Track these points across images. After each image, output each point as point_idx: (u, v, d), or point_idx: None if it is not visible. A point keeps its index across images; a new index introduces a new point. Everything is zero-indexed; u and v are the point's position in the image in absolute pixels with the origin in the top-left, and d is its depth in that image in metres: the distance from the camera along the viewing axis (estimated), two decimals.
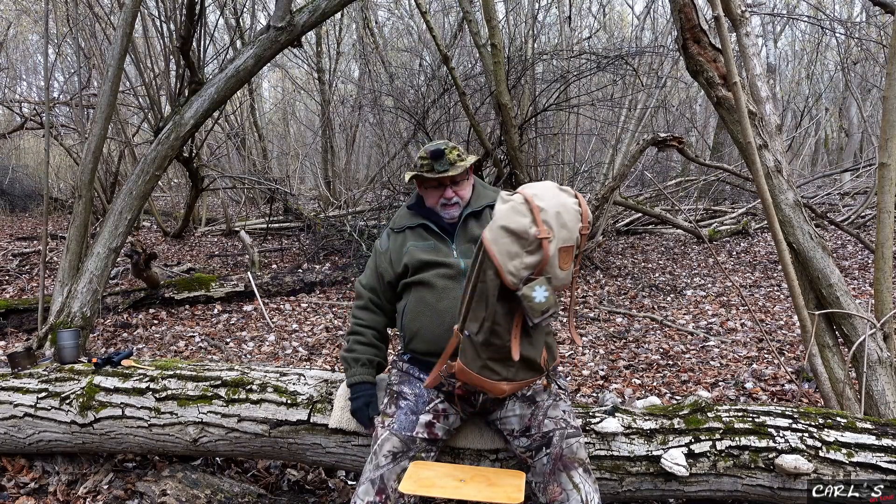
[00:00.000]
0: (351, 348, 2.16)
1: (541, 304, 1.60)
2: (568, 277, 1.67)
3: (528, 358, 1.76)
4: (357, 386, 2.11)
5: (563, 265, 1.63)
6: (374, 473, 1.84)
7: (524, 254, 1.60)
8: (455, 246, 2.07)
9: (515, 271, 1.60)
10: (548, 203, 1.61)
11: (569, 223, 1.61)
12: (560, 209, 1.61)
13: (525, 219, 1.60)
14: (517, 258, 1.60)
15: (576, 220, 1.62)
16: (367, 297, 2.18)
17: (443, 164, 2.05)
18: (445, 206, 2.10)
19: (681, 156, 7.62)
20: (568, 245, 1.61)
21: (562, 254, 1.61)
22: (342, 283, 6.67)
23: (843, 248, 7.75)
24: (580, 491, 1.77)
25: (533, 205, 1.60)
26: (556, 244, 1.60)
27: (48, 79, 4.97)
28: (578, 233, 1.63)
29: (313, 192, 13.78)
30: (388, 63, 10.15)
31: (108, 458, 2.71)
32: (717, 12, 2.27)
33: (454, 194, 2.09)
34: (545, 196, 1.62)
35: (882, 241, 2.52)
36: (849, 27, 10.48)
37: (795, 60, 16.48)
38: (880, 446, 1.94)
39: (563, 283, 1.67)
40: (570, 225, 1.61)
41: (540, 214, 1.59)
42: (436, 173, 2.05)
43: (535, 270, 1.61)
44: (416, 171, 2.09)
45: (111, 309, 5.50)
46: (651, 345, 4.52)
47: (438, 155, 2.05)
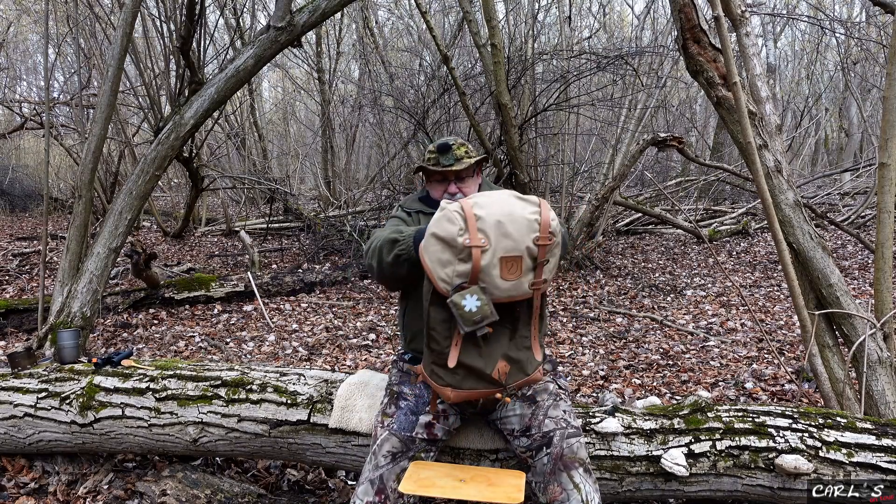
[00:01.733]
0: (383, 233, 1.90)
1: (471, 314, 1.59)
2: (518, 288, 1.63)
3: (475, 368, 1.71)
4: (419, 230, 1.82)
5: (507, 275, 1.60)
6: (373, 473, 1.84)
7: (456, 261, 1.60)
8: None
9: (448, 279, 1.61)
10: (489, 211, 1.60)
11: (513, 233, 1.59)
12: (503, 218, 1.59)
13: (454, 227, 1.60)
14: (449, 266, 1.61)
15: (526, 230, 1.60)
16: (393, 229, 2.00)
17: (448, 158, 2.06)
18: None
19: (681, 156, 7.62)
20: (512, 255, 1.59)
21: (504, 263, 1.59)
22: (342, 283, 6.67)
23: (843, 248, 7.75)
24: (581, 491, 1.77)
25: (468, 213, 1.60)
26: (495, 254, 1.58)
27: (48, 79, 4.97)
28: (533, 243, 1.60)
29: (313, 192, 13.78)
30: (388, 63, 10.15)
31: (108, 458, 2.71)
32: (717, 12, 2.27)
33: (458, 190, 2.09)
34: (489, 204, 1.62)
35: (882, 241, 2.52)
36: (849, 27, 10.49)
37: (795, 60, 16.48)
38: (880, 446, 1.94)
39: (512, 295, 1.64)
40: (515, 235, 1.59)
41: (476, 223, 1.58)
42: (441, 167, 2.06)
43: (468, 279, 1.60)
44: (423, 163, 2.11)
45: (111, 309, 5.50)
46: (651, 345, 4.52)
47: (445, 149, 2.06)
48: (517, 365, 1.75)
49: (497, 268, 1.59)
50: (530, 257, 1.61)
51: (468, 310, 1.60)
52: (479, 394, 1.75)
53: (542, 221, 1.61)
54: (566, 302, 5.92)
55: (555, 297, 6.08)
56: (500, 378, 1.72)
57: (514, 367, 1.74)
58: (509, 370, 1.73)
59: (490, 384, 1.73)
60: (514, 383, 1.76)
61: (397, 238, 1.85)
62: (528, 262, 1.61)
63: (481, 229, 1.59)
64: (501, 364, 1.72)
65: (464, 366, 1.70)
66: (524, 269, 1.61)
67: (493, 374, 1.71)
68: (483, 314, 1.60)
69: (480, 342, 1.70)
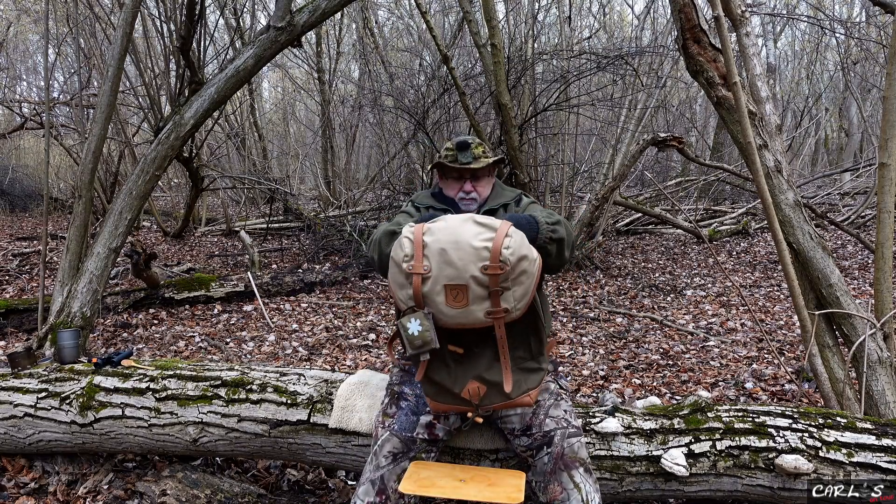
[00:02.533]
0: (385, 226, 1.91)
1: (413, 337, 1.60)
2: (468, 316, 1.60)
3: (443, 385, 1.74)
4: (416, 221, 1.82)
5: (452, 303, 1.58)
6: (374, 474, 1.84)
7: (407, 285, 1.62)
8: None
9: (404, 300, 1.64)
10: (436, 238, 1.60)
11: (457, 261, 1.56)
12: (448, 246, 1.57)
13: (401, 252, 1.63)
14: (403, 289, 1.64)
15: (472, 258, 1.56)
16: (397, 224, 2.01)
17: (466, 156, 2.06)
18: (463, 200, 2.11)
19: (681, 156, 7.62)
20: (456, 283, 1.57)
21: (449, 291, 1.57)
22: (342, 283, 6.67)
23: (843, 248, 7.75)
24: (581, 490, 1.77)
25: (417, 240, 1.61)
26: (437, 281, 1.58)
27: (48, 79, 4.97)
28: (481, 272, 1.55)
29: (313, 192, 13.78)
30: (388, 63, 10.15)
31: (108, 458, 2.71)
32: (717, 12, 2.27)
33: (472, 189, 2.09)
34: (439, 230, 1.61)
35: (882, 241, 2.52)
36: (849, 27, 10.48)
37: (795, 60, 16.48)
38: (880, 446, 1.94)
39: (461, 322, 1.61)
40: (459, 264, 1.56)
41: (423, 250, 1.59)
42: (459, 164, 2.06)
43: (416, 303, 1.61)
44: (440, 160, 2.10)
45: (111, 309, 5.50)
46: (651, 345, 4.52)
47: (464, 146, 2.07)
48: (496, 388, 1.73)
49: (441, 295, 1.58)
50: (479, 285, 1.57)
51: (411, 333, 1.61)
52: (453, 409, 1.78)
53: (492, 249, 1.55)
54: (566, 302, 5.92)
55: (555, 297, 6.08)
56: (471, 398, 1.73)
57: (491, 390, 1.73)
58: (485, 392, 1.73)
59: (460, 402, 1.74)
60: (492, 405, 1.75)
61: (395, 230, 1.86)
62: (476, 291, 1.57)
63: (426, 255, 1.59)
64: (473, 385, 1.72)
65: (431, 381, 1.74)
66: (472, 298, 1.58)
67: (463, 394, 1.72)
68: (423, 339, 1.60)
69: (450, 361, 1.73)
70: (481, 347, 1.73)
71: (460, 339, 1.73)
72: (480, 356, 1.74)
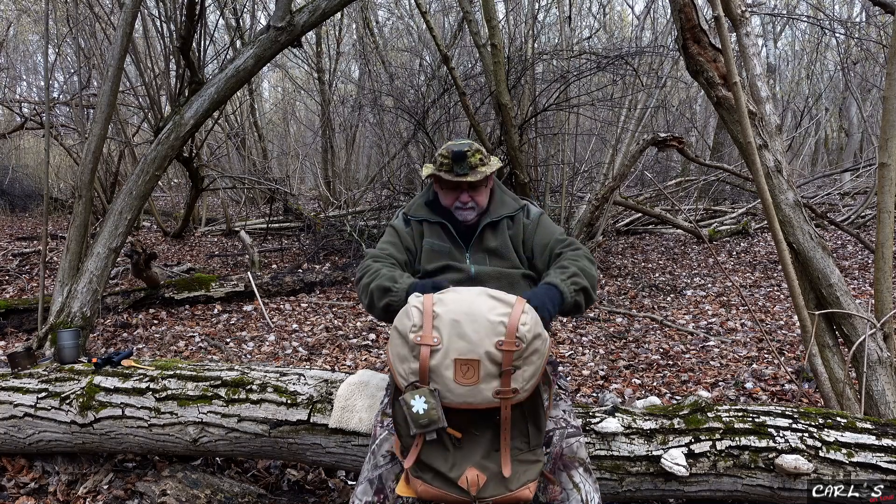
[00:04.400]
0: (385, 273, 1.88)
1: (418, 416, 1.49)
2: (476, 395, 1.48)
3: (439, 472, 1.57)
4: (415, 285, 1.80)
5: (462, 379, 1.47)
6: (372, 473, 1.84)
7: (411, 358, 1.51)
8: (469, 254, 2.06)
9: (405, 374, 1.53)
10: (448, 308, 1.52)
11: (470, 334, 1.48)
12: (461, 318, 1.49)
13: (408, 321, 1.54)
14: (406, 362, 1.53)
15: (487, 332, 1.48)
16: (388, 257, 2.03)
17: (463, 167, 1.97)
18: (459, 210, 2.06)
19: (681, 156, 7.62)
20: (468, 358, 1.47)
21: (459, 366, 1.47)
22: (342, 283, 6.67)
23: (843, 248, 7.75)
24: (580, 490, 1.77)
25: (426, 309, 1.52)
26: (448, 354, 1.48)
27: (48, 79, 4.97)
28: (495, 348, 1.46)
29: (313, 192, 13.79)
30: (388, 63, 10.15)
31: (108, 458, 2.71)
32: (717, 12, 2.27)
33: (470, 199, 2.04)
34: (452, 301, 1.54)
35: (882, 241, 2.52)
36: (849, 27, 10.48)
37: (795, 60, 16.48)
38: (880, 446, 1.94)
39: (469, 402, 1.49)
40: (473, 337, 1.47)
41: (433, 321, 1.51)
42: (454, 175, 1.99)
43: (420, 378, 1.50)
44: (435, 170, 2.02)
45: (111, 309, 5.50)
46: (651, 345, 4.52)
47: (460, 157, 1.96)
48: (497, 478, 1.55)
49: (451, 370, 1.48)
50: (491, 362, 1.47)
51: (416, 411, 1.49)
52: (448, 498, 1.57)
53: (509, 325, 1.48)
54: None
55: None
56: (470, 488, 1.54)
57: (490, 479, 1.55)
58: (485, 482, 1.55)
59: (457, 491, 1.56)
60: (492, 499, 1.55)
61: (390, 287, 1.81)
62: (488, 367, 1.47)
63: (436, 327, 1.50)
64: (472, 473, 1.55)
65: (425, 465, 1.58)
66: (483, 375, 1.47)
67: (461, 483, 1.55)
68: (430, 418, 1.49)
69: (448, 445, 1.57)
70: (481, 431, 1.59)
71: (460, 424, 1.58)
72: (479, 442, 1.58)
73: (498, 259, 2.03)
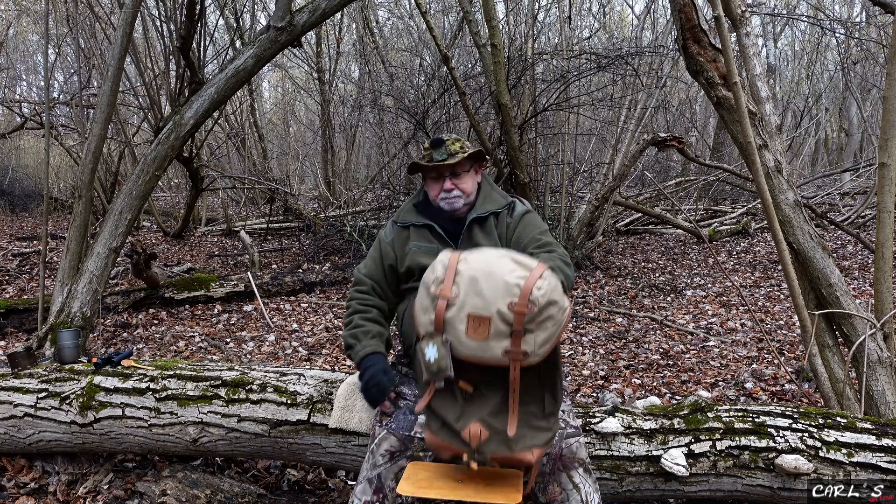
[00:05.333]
0: (356, 324, 2.03)
1: (429, 363, 1.56)
2: (486, 351, 1.53)
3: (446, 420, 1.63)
4: (370, 357, 1.94)
5: (473, 334, 1.53)
6: (371, 472, 1.84)
7: (431, 309, 1.58)
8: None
9: (424, 324, 1.60)
10: (469, 266, 1.57)
11: (486, 292, 1.52)
12: (480, 276, 1.54)
13: (433, 275, 1.61)
14: (427, 313, 1.60)
15: (501, 292, 1.51)
16: (370, 283, 2.13)
17: (441, 153, 2.04)
18: (446, 199, 2.08)
19: (681, 156, 7.62)
20: (481, 315, 1.52)
21: (471, 321, 1.53)
22: (342, 283, 6.67)
23: (843, 248, 7.75)
24: (580, 491, 1.77)
25: (451, 265, 1.59)
26: (462, 309, 1.54)
27: (48, 79, 4.97)
28: (507, 308, 1.50)
29: (313, 192, 13.79)
30: (388, 63, 10.15)
31: (108, 458, 2.71)
32: (717, 12, 2.27)
33: (454, 187, 2.07)
34: (475, 260, 1.59)
35: (882, 241, 2.52)
36: (849, 27, 10.49)
37: (795, 60, 16.48)
38: (880, 446, 1.94)
39: (479, 356, 1.54)
40: (488, 295, 1.52)
41: (455, 276, 1.57)
42: (434, 162, 2.05)
43: (435, 328, 1.57)
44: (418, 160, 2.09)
45: (111, 309, 5.50)
46: (651, 345, 4.52)
47: (438, 143, 2.05)
48: (500, 436, 1.60)
49: (464, 323, 1.53)
50: (502, 321, 1.51)
51: (427, 359, 1.57)
52: (450, 449, 1.64)
53: (523, 288, 1.51)
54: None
55: None
56: (471, 441, 1.59)
57: (493, 436, 1.60)
58: (487, 438, 1.59)
59: (459, 443, 1.62)
60: (493, 455, 1.60)
61: (352, 344, 2.00)
62: (499, 326, 1.51)
63: (457, 282, 1.56)
64: (475, 427, 1.60)
65: (434, 412, 1.65)
66: (493, 333, 1.52)
67: (464, 435, 1.60)
68: (439, 366, 1.55)
69: (458, 397, 1.63)
70: (492, 391, 1.63)
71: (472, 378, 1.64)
72: (489, 399, 1.63)
73: None
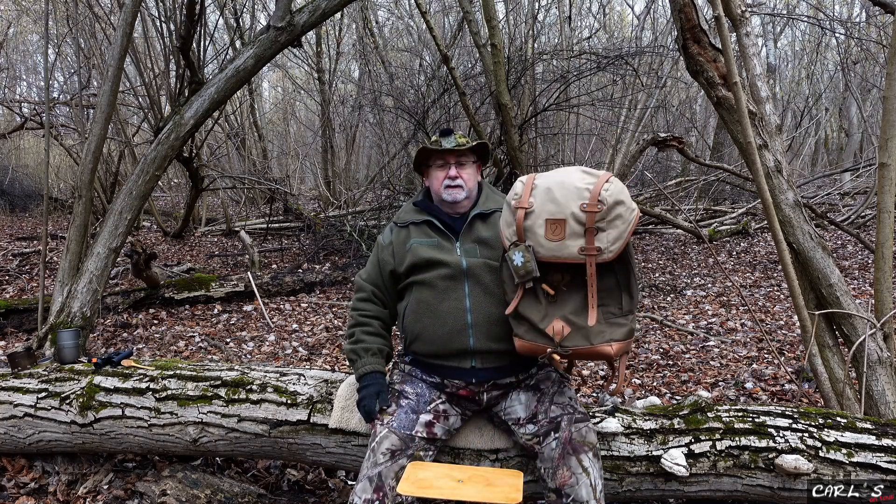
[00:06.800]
0: (358, 339, 2.09)
1: (518, 267, 1.78)
2: (562, 250, 1.72)
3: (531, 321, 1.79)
4: (369, 376, 2.03)
5: (551, 236, 1.73)
6: (371, 471, 1.84)
7: (513, 221, 1.80)
8: (459, 244, 2.05)
9: (509, 236, 1.82)
10: (544, 181, 1.79)
11: (559, 198, 1.72)
12: (554, 186, 1.75)
13: (512, 192, 1.83)
14: (510, 226, 1.82)
15: (574, 196, 1.71)
16: (370, 289, 2.15)
17: (450, 140, 2.08)
18: (449, 188, 2.08)
19: (681, 156, 7.62)
20: (556, 218, 1.72)
21: (549, 225, 1.73)
22: (342, 283, 6.67)
23: (843, 248, 7.75)
24: (589, 475, 1.77)
25: (528, 181, 1.81)
26: (540, 215, 1.75)
27: (48, 79, 4.97)
28: (579, 209, 1.69)
29: (313, 192, 13.78)
30: (388, 63, 10.15)
31: (108, 458, 2.71)
32: (717, 12, 2.27)
33: (458, 175, 2.08)
34: (549, 176, 1.81)
35: (882, 241, 2.52)
36: (849, 27, 10.49)
37: (795, 60, 16.48)
38: (880, 446, 1.94)
39: (557, 255, 1.73)
40: (561, 200, 1.72)
41: (532, 190, 1.79)
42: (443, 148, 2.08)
43: (517, 236, 1.78)
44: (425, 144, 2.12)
45: (111, 309, 5.50)
46: (651, 345, 4.52)
47: (447, 133, 2.11)
48: (581, 331, 1.75)
49: (542, 228, 1.74)
50: (576, 221, 1.69)
51: (515, 263, 1.78)
52: (534, 346, 1.80)
53: (593, 191, 1.69)
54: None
55: None
56: (555, 336, 1.76)
57: (574, 332, 1.76)
58: (569, 333, 1.75)
59: (543, 339, 1.78)
60: (574, 348, 1.75)
61: (354, 360, 2.08)
62: (573, 226, 1.70)
63: (533, 194, 1.78)
64: (558, 323, 1.76)
65: (522, 316, 1.81)
66: (568, 233, 1.71)
67: (547, 331, 1.77)
68: (526, 269, 1.76)
69: (542, 299, 1.80)
70: (573, 293, 1.78)
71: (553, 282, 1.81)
72: (570, 300, 1.78)
73: (488, 249, 2.02)
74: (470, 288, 1.98)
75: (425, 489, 1.74)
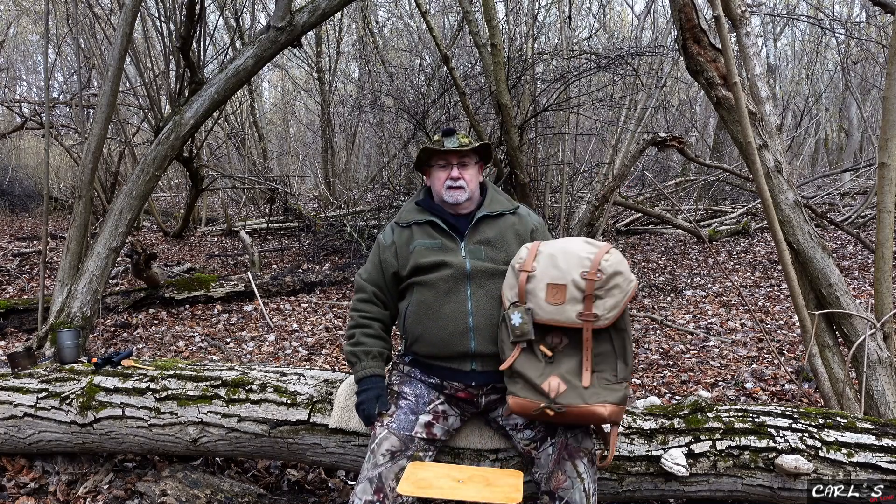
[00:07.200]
0: (358, 341, 2.09)
1: (515, 327, 1.84)
2: (562, 314, 1.79)
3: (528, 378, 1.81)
4: (368, 379, 2.03)
5: (551, 300, 1.80)
6: (372, 472, 1.84)
7: (515, 283, 1.87)
8: (464, 245, 2.04)
9: (510, 297, 1.89)
10: (548, 248, 1.89)
11: (562, 265, 1.81)
12: (557, 253, 1.85)
13: (518, 256, 1.92)
14: (512, 288, 1.89)
15: (575, 264, 1.80)
16: (371, 290, 2.13)
17: (453, 141, 2.08)
18: (451, 189, 2.07)
19: (681, 156, 7.61)
20: (557, 283, 1.80)
21: (550, 289, 1.81)
22: (342, 283, 6.67)
23: (843, 248, 7.75)
24: (583, 481, 1.78)
25: (532, 248, 1.91)
26: (542, 279, 1.82)
27: (48, 79, 4.97)
28: (580, 276, 1.77)
29: (313, 192, 13.79)
30: (388, 63, 10.15)
31: (108, 458, 2.71)
32: (717, 12, 2.27)
33: (460, 176, 2.08)
34: (554, 244, 1.91)
35: (882, 241, 2.52)
36: (849, 27, 10.48)
37: (795, 60, 16.48)
38: (880, 446, 1.94)
39: (556, 318, 1.80)
40: (563, 266, 1.81)
41: (536, 256, 1.88)
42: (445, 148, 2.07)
43: (519, 298, 1.85)
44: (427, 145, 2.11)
45: (111, 309, 5.50)
46: (651, 345, 4.52)
47: (450, 133, 2.11)
48: (576, 390, 1.78)
49: (544, 291, 1.81)
50: (576, 288, 1.77)
51: (513, 323, 1.84)
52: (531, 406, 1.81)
53: (593, 260, 1.79)
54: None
55: None
56: (550, 392, 1.78)
57: (570, 390, 1.78)
58: (564, 390, 1.78)
59: (538, 395, 1.80)
60: (568, 406, 1.76)
61: (353, 363, 2.09)
62: (573, 292, 1.78)
63: (537, 259, 1.87)
64: (554, 380, 1.79)
65: (518, 374, 1.84)
66: (568, 298, 1.78)
67: (543, 386, 1.79)
68: (523, 331, 1.82)
69: (540, 358, 1.84)
70: (570, 356, 1.82)
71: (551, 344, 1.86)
72: (567, 362, 1.82)
73: (493, 250, 2.02)
74: (473, 290, 1.97)
75: (425, 489, 1.74)
